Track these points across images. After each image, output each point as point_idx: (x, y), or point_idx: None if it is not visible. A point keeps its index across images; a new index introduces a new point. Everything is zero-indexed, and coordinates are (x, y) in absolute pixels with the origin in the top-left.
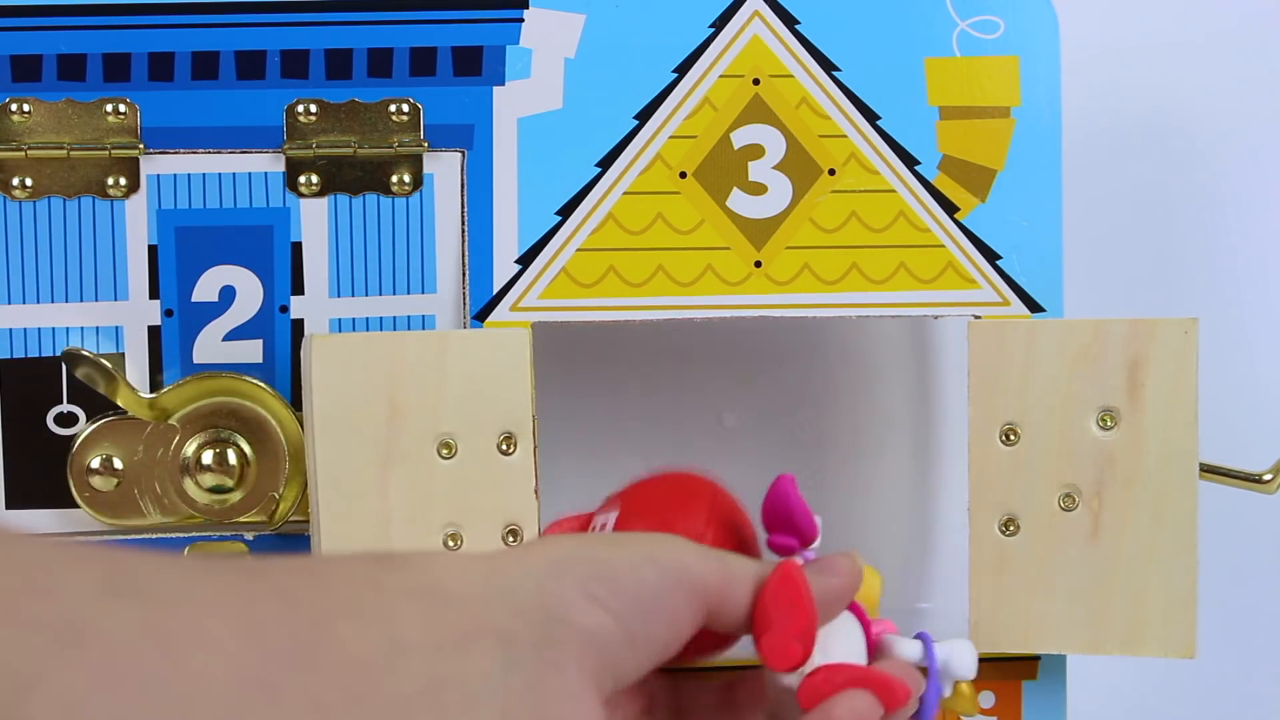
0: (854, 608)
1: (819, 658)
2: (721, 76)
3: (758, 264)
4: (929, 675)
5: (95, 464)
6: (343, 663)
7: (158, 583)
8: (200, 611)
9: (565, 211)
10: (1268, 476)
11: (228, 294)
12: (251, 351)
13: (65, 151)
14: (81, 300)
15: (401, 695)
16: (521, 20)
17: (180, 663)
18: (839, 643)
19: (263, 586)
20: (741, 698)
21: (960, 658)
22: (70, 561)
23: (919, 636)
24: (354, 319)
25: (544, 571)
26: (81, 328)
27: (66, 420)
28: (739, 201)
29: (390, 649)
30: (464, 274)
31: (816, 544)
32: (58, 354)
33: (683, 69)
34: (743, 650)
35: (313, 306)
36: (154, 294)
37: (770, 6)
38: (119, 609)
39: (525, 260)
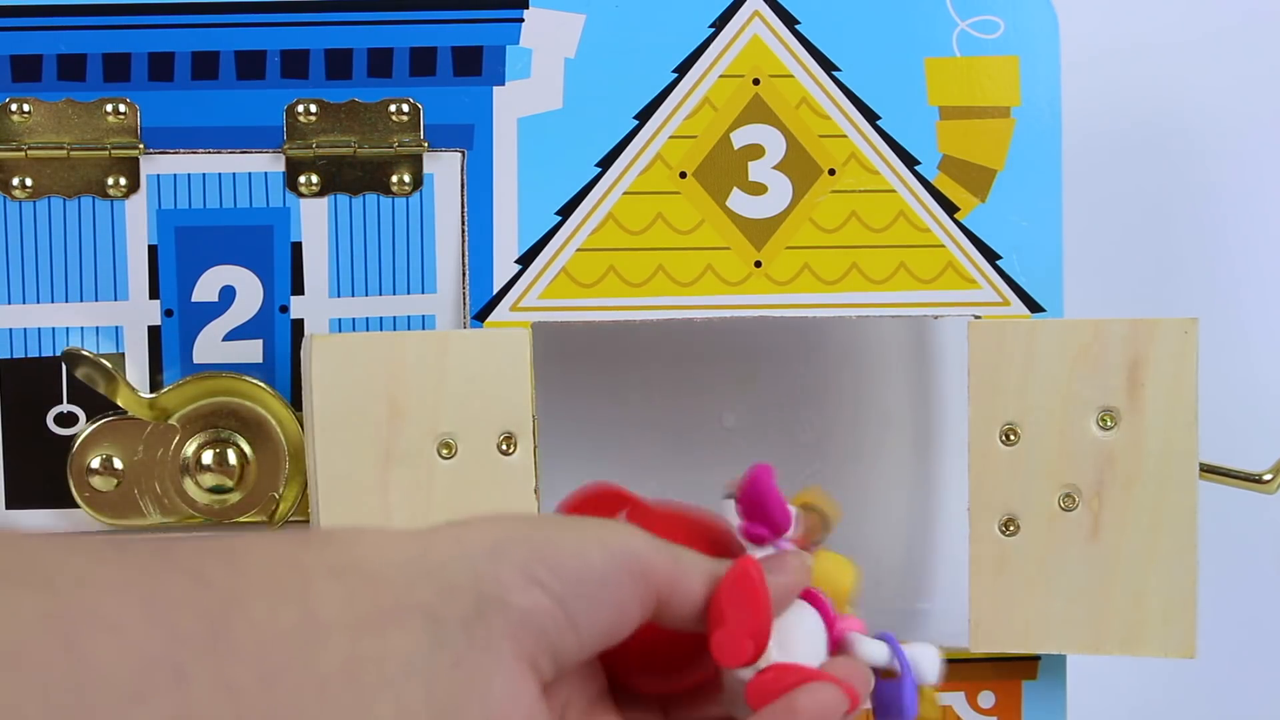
0: (819, 603)
1: (776, 653)
2: (721, 76)
3: (758, 264)
4: (902, 674)
5: (95, 464)
6: (255, 643)
7: (57, 566)
8: (101, 595)
9: (565, 211)
10: (1268, 476)
11: (228, 294)
12: (251, 351)
13: (65, 151)
14: (81, 300)
15: (318, 676)
16: (521, 20)
17: (77, 649)
18: (799, 639)
19: (170, 566)
20: (696, 689)
21: (925, 662)
22: None
23: (882, 638)
24: (354, 319)
25: (481, 551)
26: (81, 328)
27: (66, 420)
28: (739, 201)
29: (307, 628)
30: (464, 274)
31: (789, 535)
32: (58, 354)
33: (683, 69)
34: None
35: (313, 306)
36: (154, 294)
37: (770, 6)
38: (13, 596)
39: (525, 260)
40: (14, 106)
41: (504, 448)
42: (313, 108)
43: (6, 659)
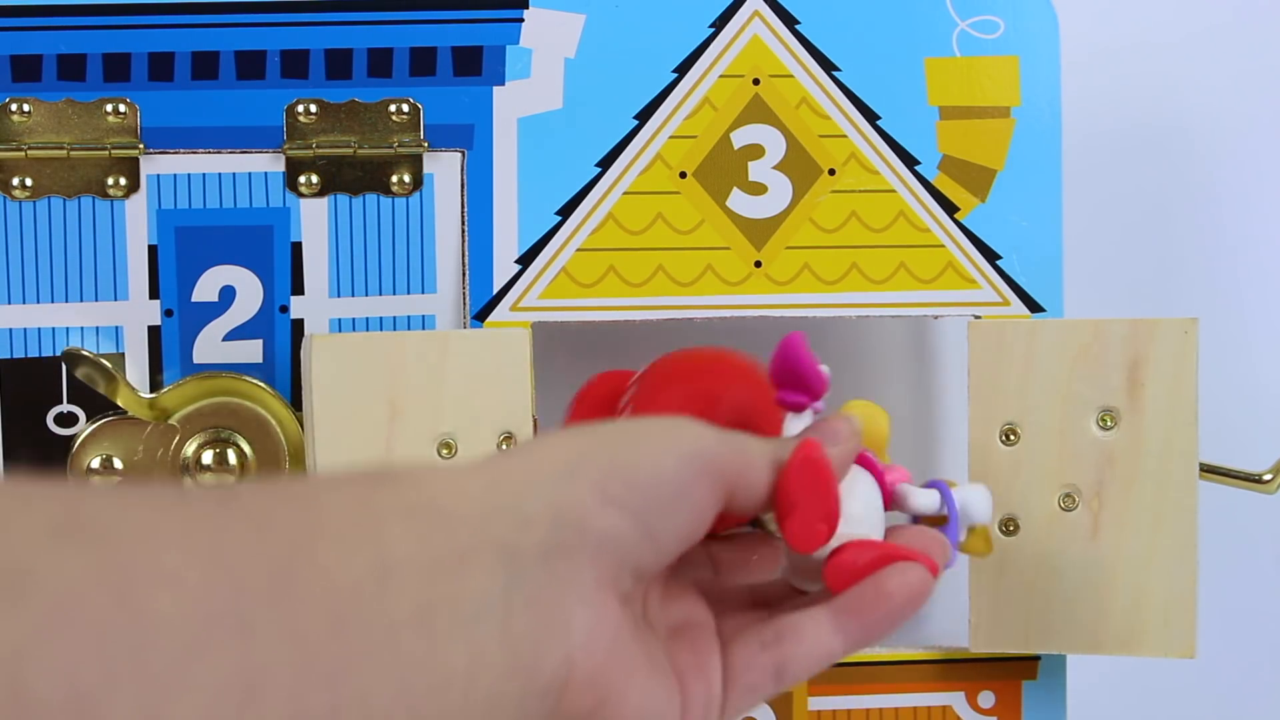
0: (866, 461)
1: (840, 524)
2: (721, 76)
3: (758, 264)
4: (950, 525)
5: (95, 464)
6: (322, 590)
7: (113, 520)
8: (159, 547)
9: (565, 211)
10: (1268, 476)
11: (228, 294)
12: (251, 351)
13: (65, 151)
14: (81, 300)
15: (388, 622)
16: (521, 20)
17: (134, 603)
18: (859, 506)
19: (234, 514)
20: (759, 558)
21: (976, 503)
22: (18, 504)
23: (933, 485)
24: (354, 319)
25: (556, 474)
26: (81, 328)
27: (66, 420)
28: (739, 201)
29: (377, 572)
30: (464, 274)
31: (825, 397)
32: (58, 354)
33: (683, 69)
34: None
35: (313, 306)
36: (154, 294)
37: (770, 6)
38: (68, 551)
39: (525, 260)
40: (14, 106)
41: (504, 448)
42: (313, 108)
43: (59, 616)
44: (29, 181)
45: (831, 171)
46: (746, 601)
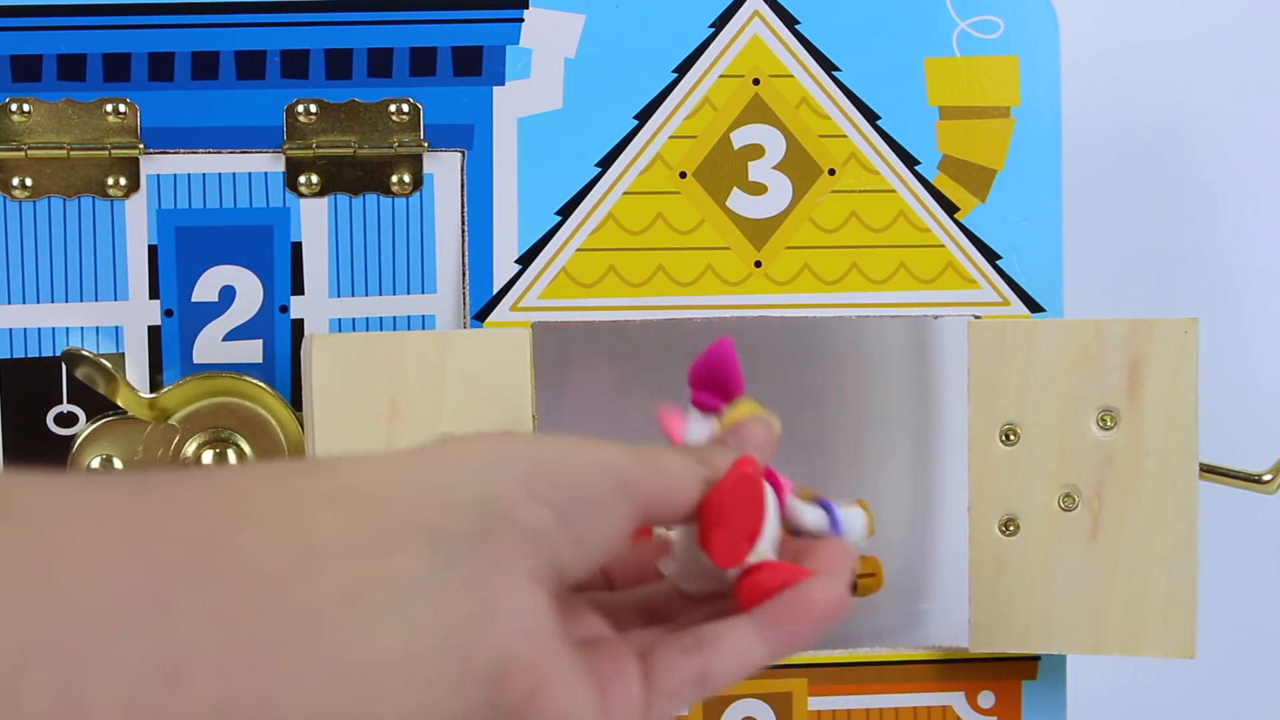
0: (770, 476)
1: None
2: (721, 76)
3: (758, 264)
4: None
5: (95, 464)
6: (245, 572)
7: (29, 502)
8: (77, 528)
9: (565, 211)
10: (1268, 476)
11: (228, 294)
12: (251, 351)
13: (65, 151)
14: (81, 300)
15: (315, 604)
16: (521, 20)
17: (49, 582)
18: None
19: (152, 498)
20: (651, 563)
21: (852, 524)
22: None
23: (821, 504)
24: (354, 319)
25: (483, 466)
26: (81, 328)
27: (66, 420)
28: (739, 201)
29: (301, 556)
30: (464, 274)
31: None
32: (58, 354)
33: (683, 69)
34: None
35: (313, 306)
36: (154, 294)
37: (770, 6)
38: None
39: (525, 260)
40: (14, 106)
41: None
42: (313, 108)
43: None
44: (29, 181)
45: (831, 171)
46: (642, 616)
